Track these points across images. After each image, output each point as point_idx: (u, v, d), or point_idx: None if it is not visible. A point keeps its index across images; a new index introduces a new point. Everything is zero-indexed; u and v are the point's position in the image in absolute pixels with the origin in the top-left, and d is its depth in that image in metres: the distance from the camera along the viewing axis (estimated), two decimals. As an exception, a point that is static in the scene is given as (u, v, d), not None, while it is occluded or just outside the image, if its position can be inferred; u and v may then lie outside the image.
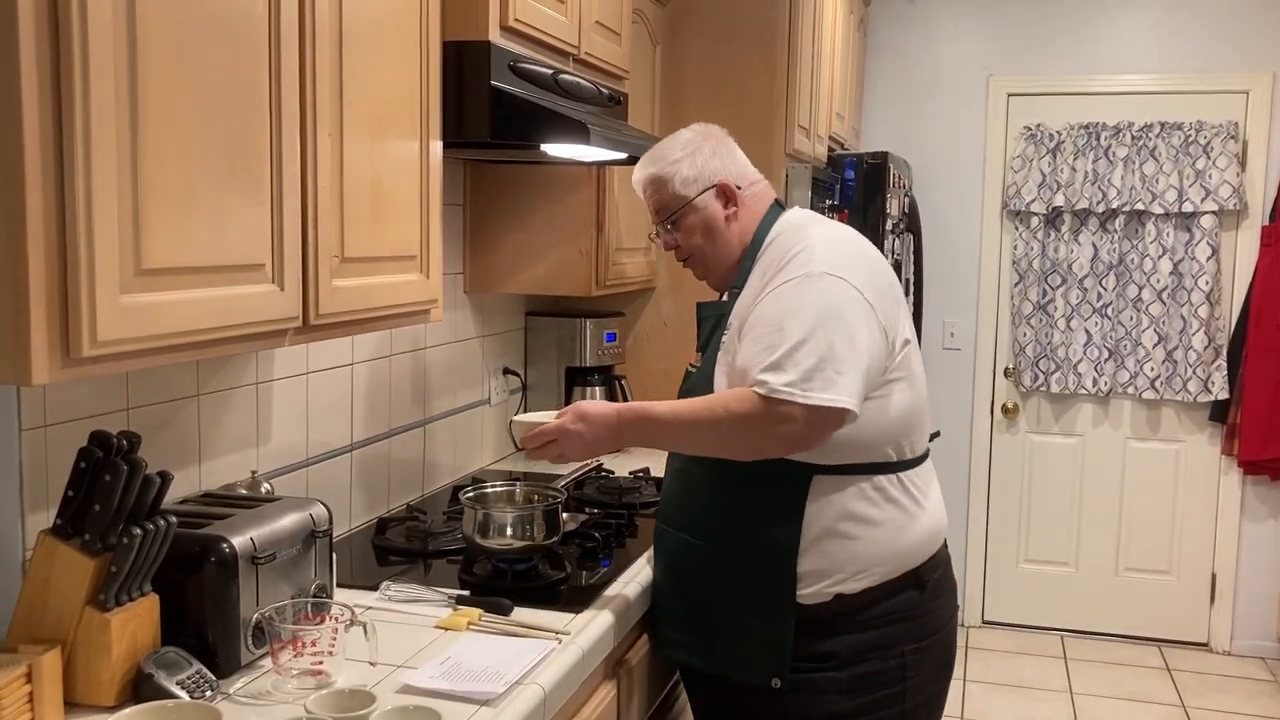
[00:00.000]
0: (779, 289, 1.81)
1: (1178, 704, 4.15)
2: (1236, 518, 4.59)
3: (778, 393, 1.69)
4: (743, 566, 1.88)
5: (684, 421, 1.80)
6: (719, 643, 1.92)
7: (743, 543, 1.88)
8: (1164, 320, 4.53)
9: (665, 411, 1.82)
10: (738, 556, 1.88)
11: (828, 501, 1.83)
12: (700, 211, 1.98)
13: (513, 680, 1.56)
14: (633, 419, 1.83)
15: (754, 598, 1.87)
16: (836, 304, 1.76)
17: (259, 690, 1.53)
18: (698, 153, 1.98)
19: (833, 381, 1.70)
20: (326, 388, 2.28)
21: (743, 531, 1.88)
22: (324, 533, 1.74)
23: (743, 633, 1.88)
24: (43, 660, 1.34)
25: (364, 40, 1.66)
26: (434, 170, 1.91)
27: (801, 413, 1.70)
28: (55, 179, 1.12)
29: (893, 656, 1.87)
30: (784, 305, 1.78)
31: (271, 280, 1.47)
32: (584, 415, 1.83)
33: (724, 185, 1.97)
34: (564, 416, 1.85)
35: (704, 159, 1.98)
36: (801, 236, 1.90)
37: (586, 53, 2.44)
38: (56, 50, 1.11)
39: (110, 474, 1.41)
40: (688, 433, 1.81)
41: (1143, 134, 4.49)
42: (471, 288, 2.90)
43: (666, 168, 1.99)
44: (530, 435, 1.86)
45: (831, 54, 3.90)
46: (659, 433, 1.84)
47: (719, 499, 1.91)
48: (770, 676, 1.86)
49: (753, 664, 1.87)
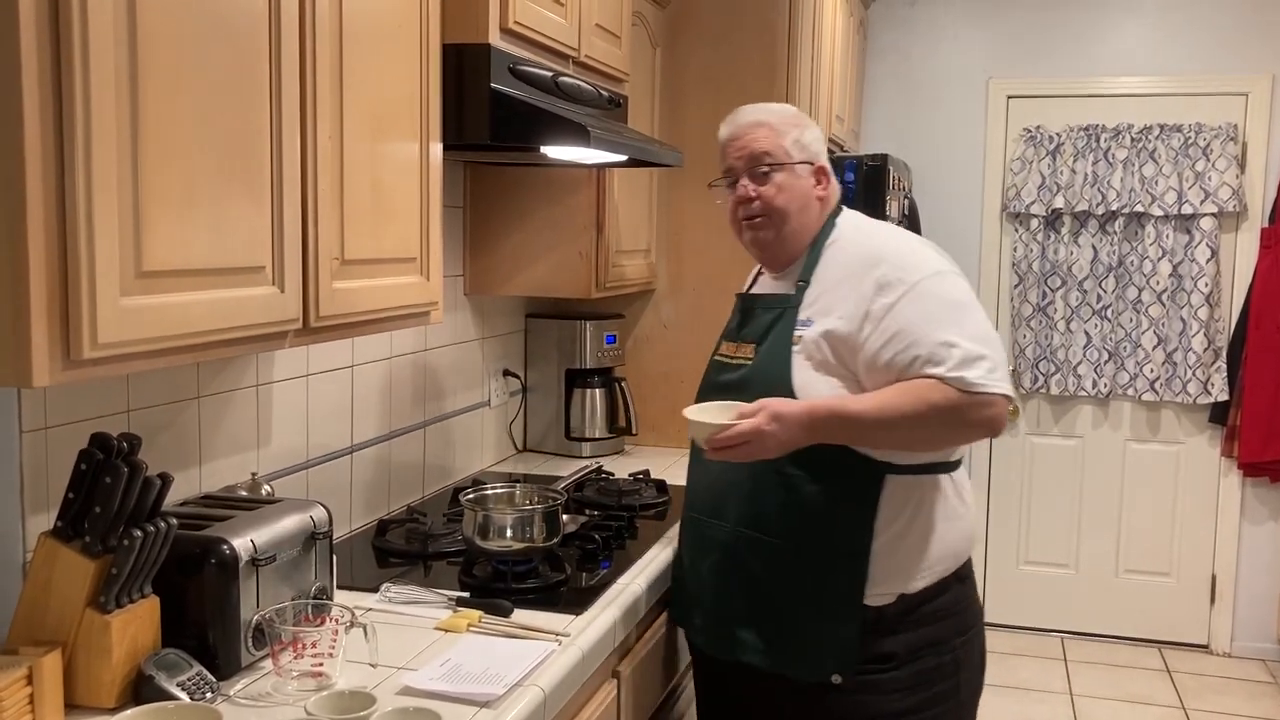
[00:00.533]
0: (914, 292, 1.83)
1: (1178, 705, 4.14)
2: (1236, 519, 4.59)
3: (977, 386, 1.78)
4: (812, 565, 1.87)
5: (884, 418, 1.79)
6: (784, 641, 1.90)
7: (814, 541, 1.86)
8: (1164, 322, 4.53)
9: (860, 409, 1.80)
10: (807, 555, 1.87)
11: (899, 501, 1.86)
12: (798, 179, 1.98)
13: (513, 682, 1.56)
14: (825, 416, 1.80)
15: (822, 597, 1.86)
16: (970, 298, 1.90)
17: (259, 692, 1.53)
18: (811, 129, 2.02)
19: (1004, 372, 1.83)
20: (327, 390, 2.28)
21: (814, 530, 1.86)
22: (324, 534, 1.74)
23: (809, 631, 1.87)
24: (43, 662, 1.34)
25: (364, 42, 1.66)
26: (434, 172, 1.91)
27: (1000, 402, 1.81)
28: (56, 181, 1.12)
29: (945, 652, 1.90)
30: (934, 305, 1.83)
31: (272, 282, 1.47)
32: (779, 415, 1.78)
33: (824, 168, 2.01)
34: (758, 417, 1.77)
35: (813, 137, 2.02)
36: (889, 238, 1.98)
37: (586, 55, 2.44)
38: (57, 52, 1.11)
39: (111, 476, 1.41)
40: (886, 428, 1.80)
41: (1142, 136, 4.50)
42: (472, 290, 2.91)
43: (783, 121, 2.00)
44: (723, 437, 1.77)
45: (831, 56, 3.90)
46: (853, 429, 1.81)
47: (790, 496, 1.88)
48: (831, 673, 1.85)
49: (816, 660, 1.87)
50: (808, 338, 1.88)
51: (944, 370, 1.78)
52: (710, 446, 1.80)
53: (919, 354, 1.79)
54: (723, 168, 2.05)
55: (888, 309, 1.83)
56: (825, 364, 1.86)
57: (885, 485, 1.85)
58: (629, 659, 1.99)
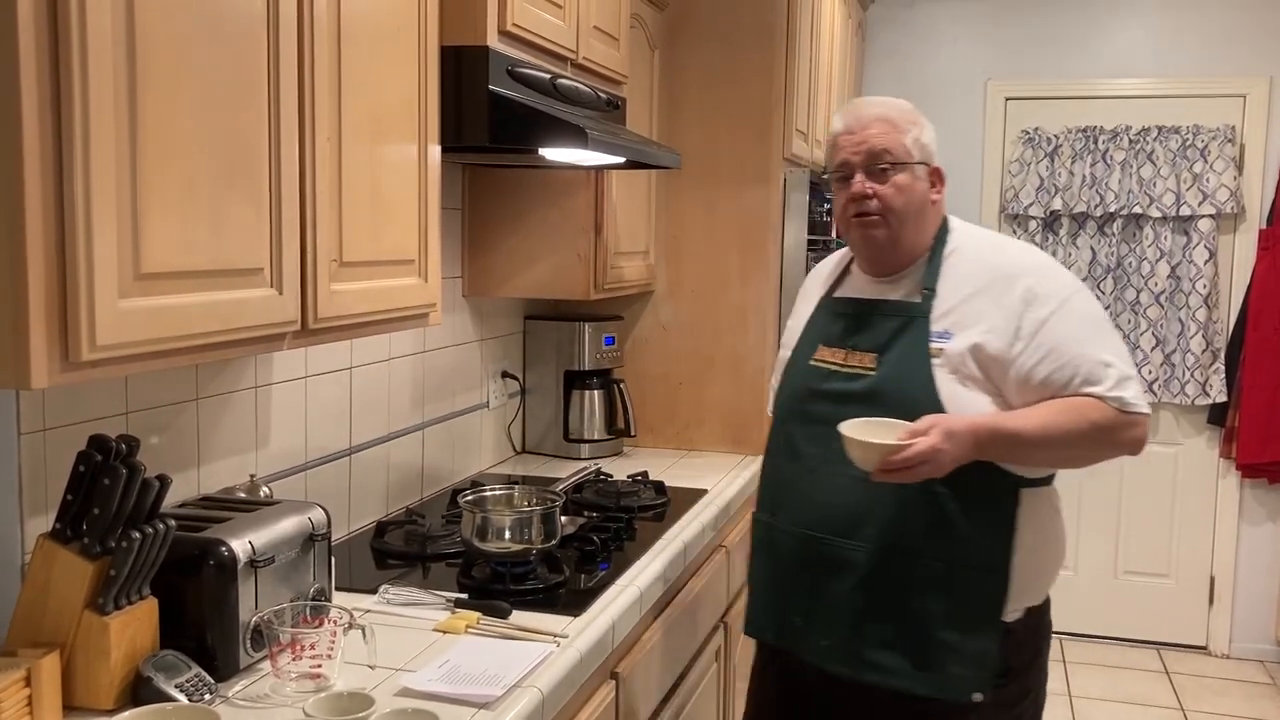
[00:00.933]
0: (1067, 306, 1.82)
1: (1176, 707, 4.15)
2: (1235, 521, 4.60)
3: (1131, 406, 1.79)
4: (959, 583, 1.81)
5: (1047, 436, 1.77)
6: (928, 661, 1.83)
7: (961, 558, 1.81)
8: (1162, 323, 4.53)
9: (1021, 426, 1.76)
10: (955, 573, 1.81)
11: (1030, 514, 1.85)
12: (916, 180, 1.91)
13: (511, 683, 1.57)
14: (989, 434, 1.74)
15: (967, 615, 1.82)
16: (1103, 315, 1.91)
17: (258, 693, 1.53)
18: (928, 128, 1.96)
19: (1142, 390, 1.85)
20: (325, 391, 2.28)
21: (961, 547, 1.81)
22: (323, 536, 1.75)
23: (953, 651, 1.81)
24: (42, 664, 1.34)
25: (363, 44, 1.67)
26: (432, 174, 1.91)
27: (1145, 422, 1.84)
28: (54, 183, 1.12)
29: (1038, 662, 1.93)
30: (1088, 322, 1.84)
31: (270, 284, 1.47)
32: (952, 433, 1.70)
33: (940, 171, 1.98)
34: (933, 436, 1.68)
35: (931, 136, 1.97)
36: (1018, 251, 1.95)
37: (585, 57, 2.44)
38: (56, 54, 1.11)
39: (109, 478, 1.41)
40: (1046, 446, 1.79)
41: (1140, 138, 4.50)
42: (470, 291, 2.91)
43: (904, 117, 1.93)
44: (900, 458, 1.66)
45: (829, 58, 3.90)
46: (1016, 446, 1.78)
47: (937, 514, 1.81)
48: (971, 692, 1.81)
49: (957, 679, 1.82)
50: (951, 351, 1.81)
51: (1103, 389, 1.78)
52: (883, 468, 1.69)
53: (1077, 372, 1.78)
54: (835, 161, 1.94)
55: (1040, 324, 1.80)
56: (972, 379, 1.81)
57: (1021, 498, 1.84)
58: (627, 660, 2.00)
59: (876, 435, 1.70)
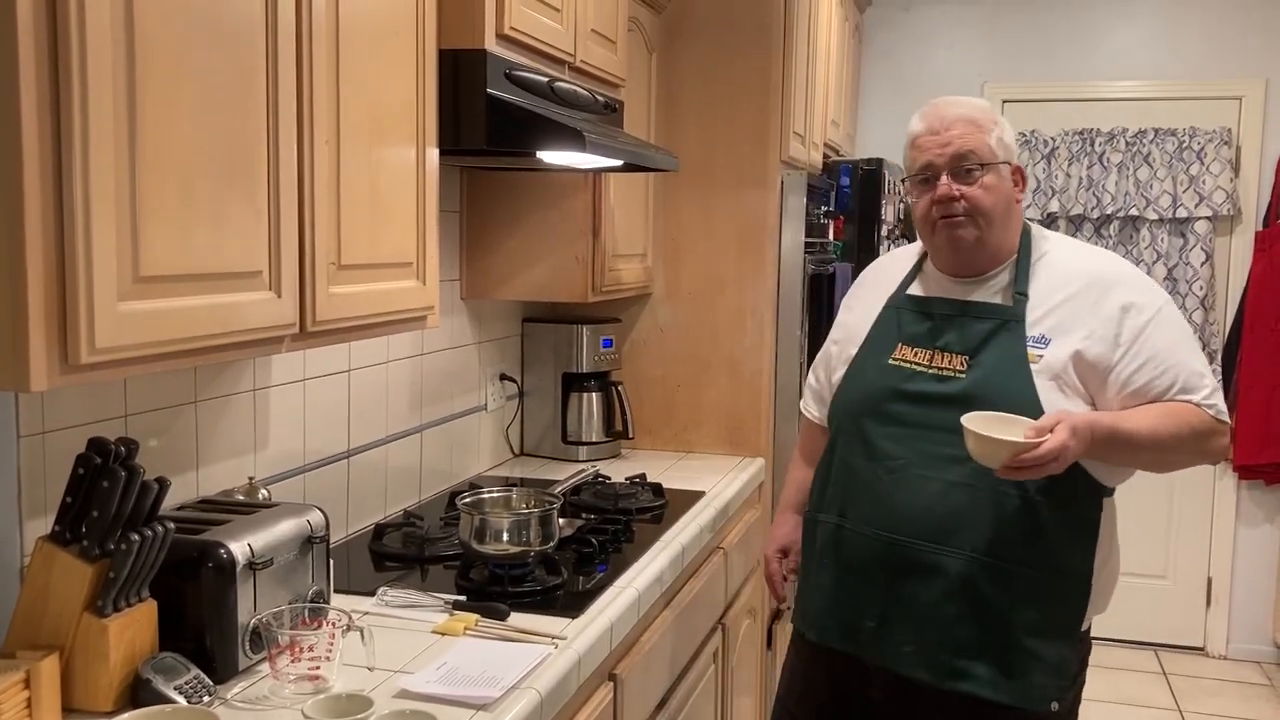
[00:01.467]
0: (1160, 318, 1.84)
1: (1174, 708, 4.15)
2: (1232, 522, 4.60)
3: (1223, 414, 1.85)
4: (1050, 591, 1.82)
5: (1155, 439, 1.78)
6: (1011, 668, 1.82)
7: (1053, 567, 1.82)
8: (1159, 325, 4.54)
9: (1135, 428, 1.76)
10: (1047, 581, 1.82)
11: (1107, 523, 1.90)
12: (1002, 180, 1.89)
13: (509, 685, 1.57)
14: (1105, 434, 1.73)
15: (1054, 624, 1.83)
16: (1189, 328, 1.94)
17: (256, 695, 1.53)
18: (1009, 128, 1.94)
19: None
20: (324, 394, 2.28)
21: (1053, 555, 1.82)
22: (321, 538, 1.75)
23: (1040, 658, 1.82)
24: (41, 666, 1.35)
25: (361, 48, 1.67)
26: (430, 177, 1.92)
27: (1229, 430, 1.89)
28: (54, 186, 1.12)
29: (1084, 668, 1.95)
30: (1180, 333, 1.87)
31: (269, 287, 1.48)
32: (1076, 429, 1.67)
33: (1021, 170, 1.96)
34: (1060, 433, 1.65)
35: (1012, 136, 1.94)
36: (1107, 259, 1.96)
37: (582, 60, 2.45)
38: (55, 58, 1.12)
39: (108, 480, 1.42)
40: (1152, 449, 1.80)
41: (1137, 140, 4.51)
42: (468, 294, 2.91)
43: (986, 117, 1.90)
44: (1031, 456, 1.64)
45: (826, 61, 3.91)
46: (1126, 449, 1.78)
47: (1032, 521, 1.80)
48: (1050, 701, 1.83)
49: (1037, 688, 1.82)
50: (1050, 357, 1.81)
51: (1200, 398, 1.82)
52: (1013, 465, 1.66)
53: (1176, 380, 1.81)
54: (917, 164, 1.91)
55: (1138, 332, 1.82)
56: (1071, 386, 1.81)
57: (1104, 507, 1.88)
58: (625, 662, 2.00)
59: (996, 431, 1.67)
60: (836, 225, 3.85)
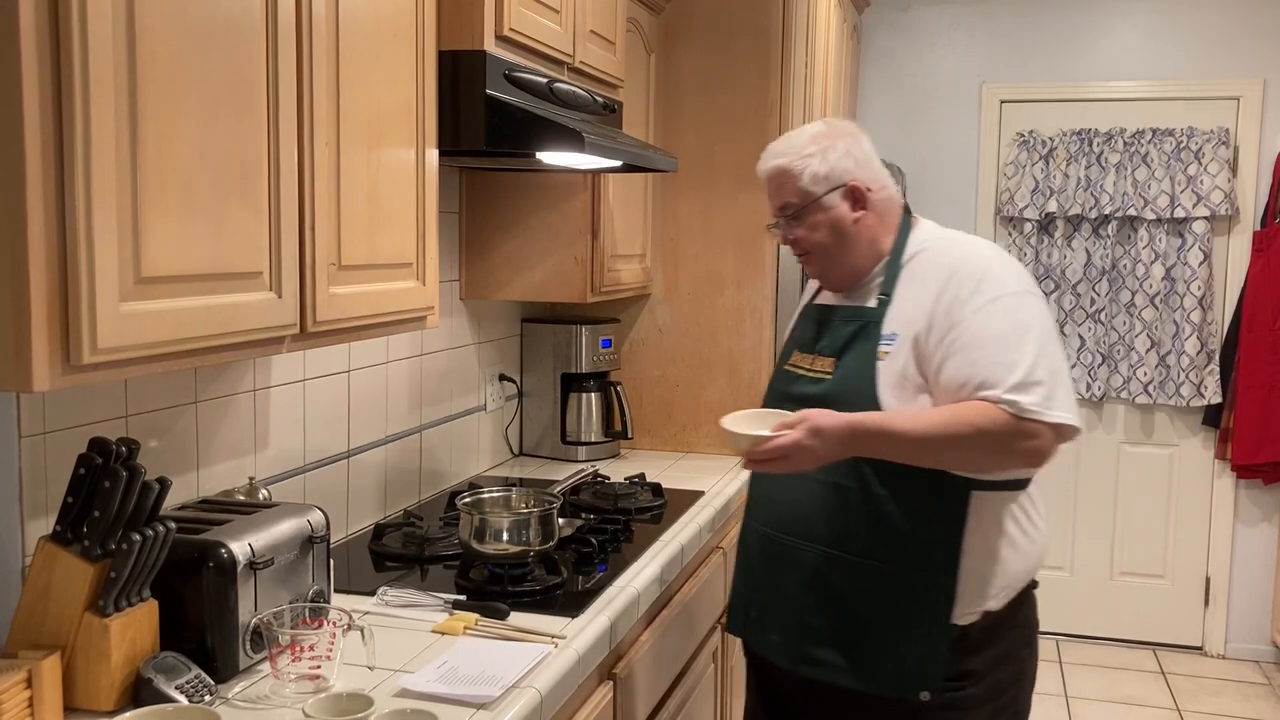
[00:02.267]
0: (989, 308, 1.79)
1: (1172, 708, 4.16)
2: (1230, 522, 4.61)
3: (1028, 411, 1.72)
4: (903, 586, 1.83)
5: (926, 437, 1.75)
6: (869, 659, 1.86)
7: (904, 562, 1.83)
8: (1157, 325, 4.55)
9: (903, 427, 1.76)
10: (898, 576, 1.83)
11: (983, 518, 1.83)
12: (828, 211, 1.91)
13: (509, 684, 1.57)
14: (866, 433, 1.75)
15: (912, 616, 1.83)
16: (1045, 321, 1.82)
17: (257, 695, 1.54)
18: (830, 150, 1.92)
19: (1065, 400, 1.76)
20: (324, 394, 2.29)
21: (904, 550, 1.83)
22: (321, 538, 1.75)
23: (895, 649, 1.84)
24: (42, 665, 1.35)
25: (361, 50, 1.68)
26: (430, 178, 1.92)
27: (1048, 430, 1.74)
28: (56, 188, 1.13)
29: (1012, 664, 1.90)
30: (1004, 324, 1.78)
31: (269, 288, 1.48)
32: (819, 430, 1.73)
33: (855, 187, 1.92)
34: (797, 431, 1.72)
35: (836, 157, 1.92)
36: (969, 251, 1.90)
37: (581, 61, 2.45)
38: (57, 61, 1.12)
39: (109, 480, 1.42)
40: (931, 447, 1.76)
41: (1135, 140, 4.52)
42: (468, 295, 2.92)
43: (796, 161, 1.92)
44: (762, 450, 1.72)
45: (825, 61, 3.92)
46: (895, 447, 1.77)
47: (878, 514, 1.83)
48: (919, 690, 1.83)
49: (902, 678, 1.84)
50: (894, 354, 1.83)
51: (998, 393, 1.72)
52: (748, 459, 1.76)
53: (976, 374, 1.75)
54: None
55: (955, 324, 1.78)
56: (914, 381, 1.82)
57: (971, 501, 1.82)
58: (625, 662, 2.00)
59: (754, 426, 1.75)
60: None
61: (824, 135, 1.94)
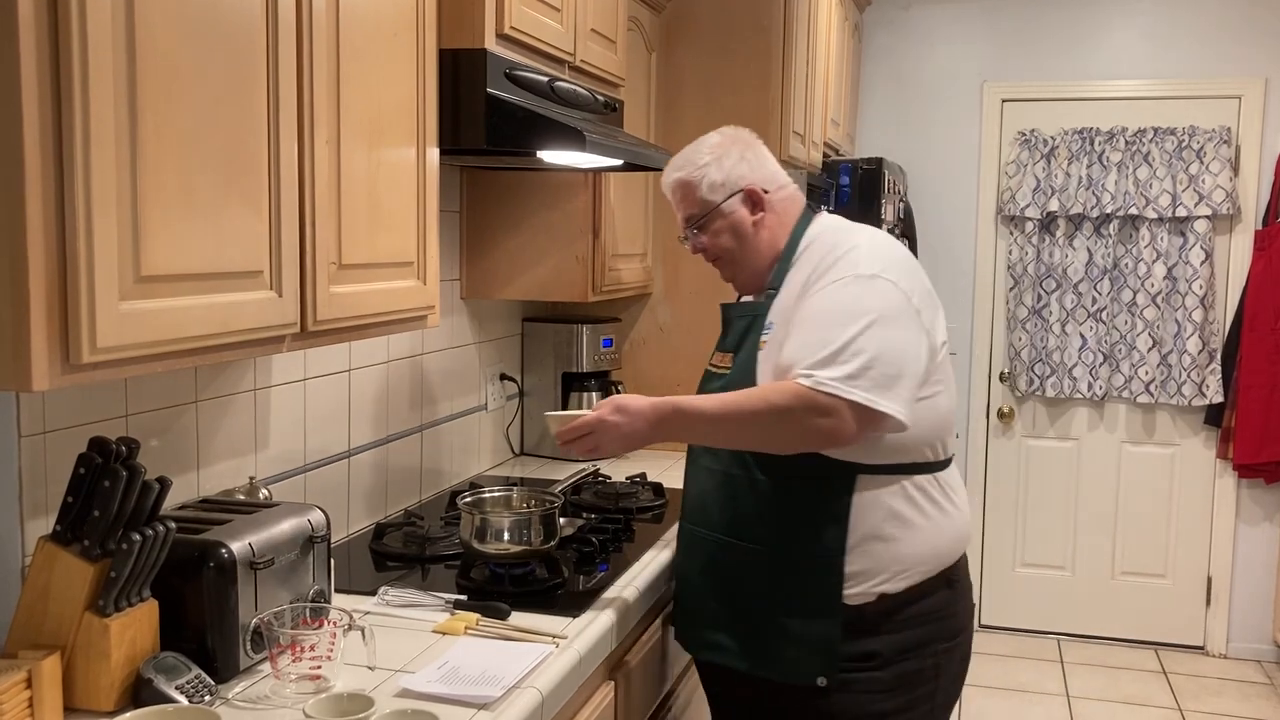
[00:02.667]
0: (829, 287, 1.81)
1: (1174, 707, 4.15)
2: (1232, 521, 4.61)
3: (824, 386, 1.71)
4: (788, 568, 1.87)
5: (725, 414, 1.78)
6: (764, 644, 1.90)
7: (788, 544, 1.87)
8: (1158, 324, 4.54)
9: (704, 404, 1.80)
10: (783, 558, 1.87)
11: (873, 501, 1.84)
12: (727, 216, 1.98)
13: (510, 684, 1.57)
14: (670, 412, 1.80)
15: (800, 598, 1.86)
16: (887, 306, 1.79)
17: (258, 695, 1.53)
18: (725, 157, 1.98)
19: (880, 384, 1.73)
20: (324, 394, 2.28)
21: (789, 532, 1.87)
22: (322, 538, 1.75)
23: (789, 633, 1.87)
24: (42, 665, 1.35)
25: (361, 49, 1.67)
26: (431, 177, 1.92)
27: (846, 408, 1.71)
28: (55, 187, 1.13)
29: (928, 655, 1.89)
30: (835, 303, 1.79)
31: (269, 287, 1.48)
32: (622, 408, 1.81)
33: (751, 190, 1.98)
34: (601, 408, 1.82)
35: (731, 164, 1.98)
36: (846, 238, 1.91)
37: (582, 60, 2.45)
38: (56, 58, 1.12)
39: (109, 480, 1.42)
40: (728, 425, 1.79)
41: (1136, 139, 4.51)
42: (468, 294, 2.91)
43: (694, 172, 1.99)
44: (567, 429, 1.82)
45: (826, 61, 3.91)
46: (698, 425, 1.82)
47: (763, 500, 1.89)
48: (816, 675, 1.86)
49: (799, 664, 1.87)
50: (771, 341, 1.88)
51: (800, 368, 1.73)
52: (558, 439, 1.85)
53: (793, 352, 1.77)
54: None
55: (801, 307, 1.83)
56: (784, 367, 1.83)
57: (857, 485, 1.84)
58: (626, 661, 2.00)
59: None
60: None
61: (718, 145, 2.02)
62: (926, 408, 1.84)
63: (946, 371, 1.92)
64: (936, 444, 1.90)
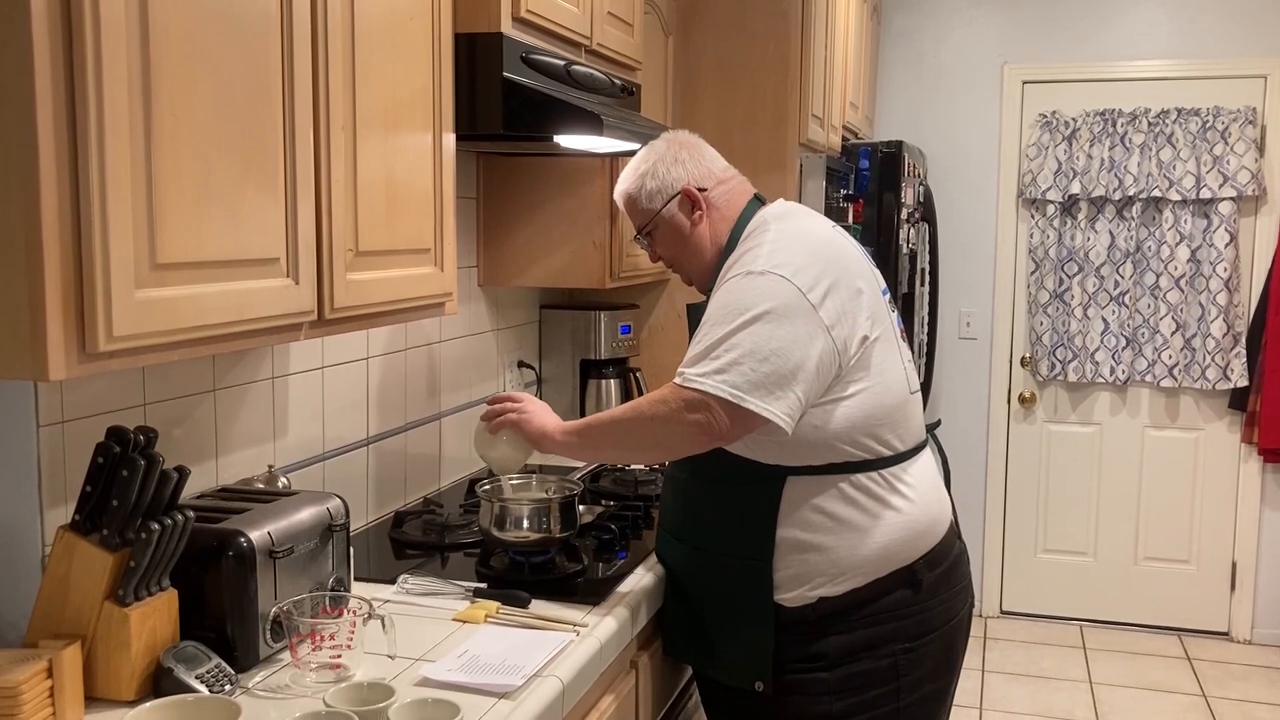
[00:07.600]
0: (722, 287, 1.82)
1: (1199, 693, 4.12)
2: (1257, 506, 4.56)
3: (690, 382, 1.73)
4: (723, 571, 1.89)
5: (617, 418, 1.84)
6: (710, 646, 1.94)
7: (722, 547, 1.89)
8: (1182, 308, 4.50)
9: (582, 422, 1.90)
10: (718, 561, 1.90)
11: (803, 502, 1.82)
12: (669, 221, 1.98)
13: (531, 673, 1.56)
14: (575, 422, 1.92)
15: (735, 602, 1.88)
16: (773, 303, 1.74)
17: (278, 684, 1.53)
18: (659, 163, 1.98)
19: (755, 381, 1.70)
20: (342, 382, 2.28)
21: (721, 536, 1.90)
22: (341, 526, 1.74)
23: (727, 636, 1.90)
24: (63, 655, 1.35)
25: (376, 34, 1.66)
26: (447, 163, 1.91)
27: (715, 404, 1.71)
28: (70, 176, 1.12)
29: (884, 656, 1.84)
30: (720, 303, 1.79)
31: (286, 274, 1.47)
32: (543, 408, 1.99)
33: (686, 191, 1.97)
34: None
35: (665, 169, 1.98)
36: (758, 235, 1.87)
37: (598, 43, 2.43)
38: (70, 50, 1.11)
39: (128, 469, 1.41)
40: (605, 427, 1.86)
41: (1159, 120, 4.46)
42: (486, 281, 2.90)
43: (634, 183, 2.01)
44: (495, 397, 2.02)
45: (845, 43, 3.88)
46: (584, 429, 1.89)
47: (699, 503, 1.94)
48: (753, 680, 1.86)
49: (737, 667, 1.89)
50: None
51: (681, 367, 1.76)
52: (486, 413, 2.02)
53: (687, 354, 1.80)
54: None
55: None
56: None
57: (786, 487, 1.81)
58: (646, 650, 1.99)
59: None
60: (855, 208, 3.82)
61: (652, 153, 2.02)
62: (851, 405, 1.79)
63: (873, 366, 1.82)
64: (873, 440, 1.82)
